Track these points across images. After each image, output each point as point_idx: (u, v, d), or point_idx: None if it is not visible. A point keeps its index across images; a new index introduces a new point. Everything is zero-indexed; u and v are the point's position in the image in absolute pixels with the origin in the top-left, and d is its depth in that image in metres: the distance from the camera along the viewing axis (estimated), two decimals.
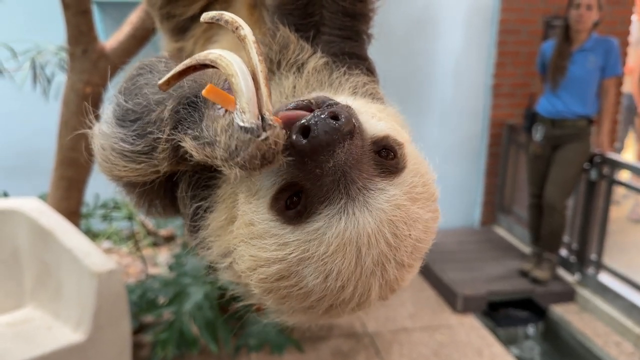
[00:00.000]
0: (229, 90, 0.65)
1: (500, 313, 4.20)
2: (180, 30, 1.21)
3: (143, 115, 0.75)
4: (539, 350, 4.07)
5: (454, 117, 5.24)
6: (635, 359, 3.58)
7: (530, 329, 4.17)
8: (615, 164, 4.03)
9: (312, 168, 0.64)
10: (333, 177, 0.64)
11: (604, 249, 4.17)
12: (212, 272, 0.86)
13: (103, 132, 0.79)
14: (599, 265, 4.18)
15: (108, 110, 0.80)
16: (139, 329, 3.37)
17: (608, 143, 4.14)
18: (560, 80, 3.99)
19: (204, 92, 0.63)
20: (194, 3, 1.17)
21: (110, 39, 2.76)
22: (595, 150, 4.05)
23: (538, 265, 4.30)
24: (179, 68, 0.66)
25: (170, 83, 0.67)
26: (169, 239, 4.70)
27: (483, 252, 4.87)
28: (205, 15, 0.66)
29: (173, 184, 0.86)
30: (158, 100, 0.74)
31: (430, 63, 5.09)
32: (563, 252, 4.45)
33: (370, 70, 0.97)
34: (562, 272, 4.42)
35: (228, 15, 0.65)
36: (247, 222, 0.71)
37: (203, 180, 0.83)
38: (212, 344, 2.95)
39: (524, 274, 4.34)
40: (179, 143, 0.70)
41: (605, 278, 4.12)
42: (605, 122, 4.03)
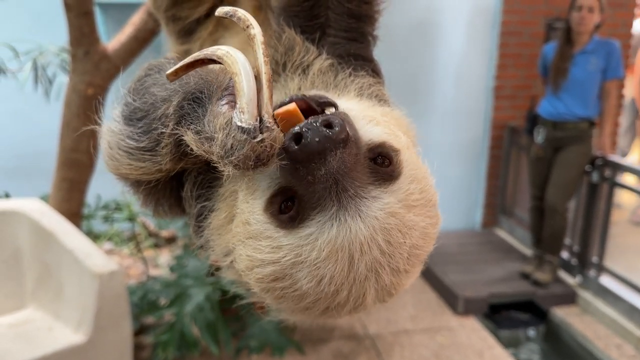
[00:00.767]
0: (233, 88, 0.65)
1: (502, 315, 4.19)
2: (186, 33, 1.21)
3: (149, 113, 0.75)
4: (540, 353, 4.06)
5: (456, 119, 5.24)
6: None
7: (531, 332, 4.17)
8: (617, 167, 4.03)
9: (304, 175, 0.64)
10: (325, 184, 0.64)
11: (606, 252, 4.17)
12: (214, 273, 0.86)
13: (111, 130, 0.80)
14: (601, 268, 4.17)
15: (117, 109, 0.81)
16: (140, 330, 3.36)
17: (609, 145, 4.14)
18: (562, 83, 3.99)
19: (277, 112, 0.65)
20: (200, 6, 1.17)
21: (112, 41, 2.76)
22: (597, 153, 4.04)
23: (539, 268, 4.29)
24: (188, 60, 0.67)
25: (178, 74, 0.68)
26: (170, 241, 4.70)
27: (484, 254, 4.87)
28: (220, 10, 0.67)
29: (179, 184, 0.87)
30: (164, 98, 0.74)
31: (432, 65, 5.10)
32: (564, 254, 4.44)
33: (376, 72, 0.98)
34: (563, 274, 4.41)
35: (241, 13, 0.65)
36: (244, 221, 0.72)
37: (208, 181, 0.84)
38: (213, 346, 2.94)
39: (525, 276, 4.33)
40: (182, 137, 0.71)
41: (607, 281, 4.11)
42: (607, 124, 4.03)
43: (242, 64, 0.62)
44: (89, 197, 3.25)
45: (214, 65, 0.68)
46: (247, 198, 0.72)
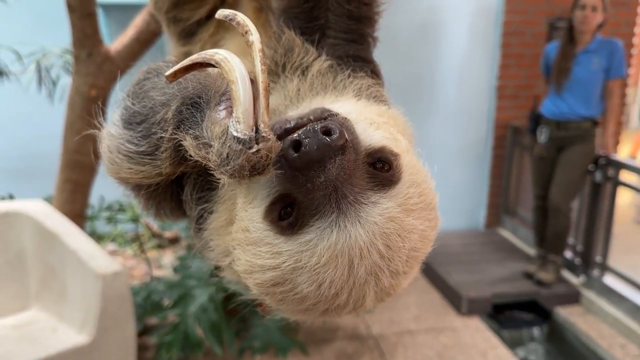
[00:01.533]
0: (229, 94, 0.65)
1: (505, 315, 4.19)
2: (187, 34, 1.21)
3: (148, 117, 0.76)
4: (544, 353, 4.06)
5: (458, 119, 5.23)
6: None
7: (535, 331, 4.16)
8: (620, 166, 4.02)
9: (303, 182, 0.65)
10: (324, 191, 0.65)
11: (609, 251, 4.16)
12: (217, 274, 0.87)
13: (111, 134, 0.80)
14: (604, 268, 4.17)
15: (116, 113, 0.82)
16: (144, 331, 3.37)
17: (612, 145, 4.13)
18: (565, 82, 3.98)
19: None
20: (201, 7, 1.17)
21: (115, 42, 2.77)
22: (600, 152, 4.04)
23: (543, 268, 4.28)
24: (186, 62, 0.67)
25: (177, 75, 0.69)
26: (174, 241, 4.71)
27: (488, 254, 4.86)
28: (220, 12, 0.67)
29: (179, 187, 0.87)
30: (163, 102, 0.75)
31: (435, 65, 5.09)
32: (568, 254, 4.43)
33: (375, 73, 0.98)
34: (567, 274, 4.40)
35: (241, 17, 0.65)
36: (243, 228, 0.73)
37: (207, 183, 0.84)
38: (216, 346, 2.95)
39: (529, 276, 4.32)
40: (180, 142, 0.71)
41: (610, 280, 4.11)
42: (610, 123, 4.02)
43: (239, 72, 0.62)
44: (93, 198, 3.26)
45: (213, 69, 0.69)
46: (245, 206, 0.73)
